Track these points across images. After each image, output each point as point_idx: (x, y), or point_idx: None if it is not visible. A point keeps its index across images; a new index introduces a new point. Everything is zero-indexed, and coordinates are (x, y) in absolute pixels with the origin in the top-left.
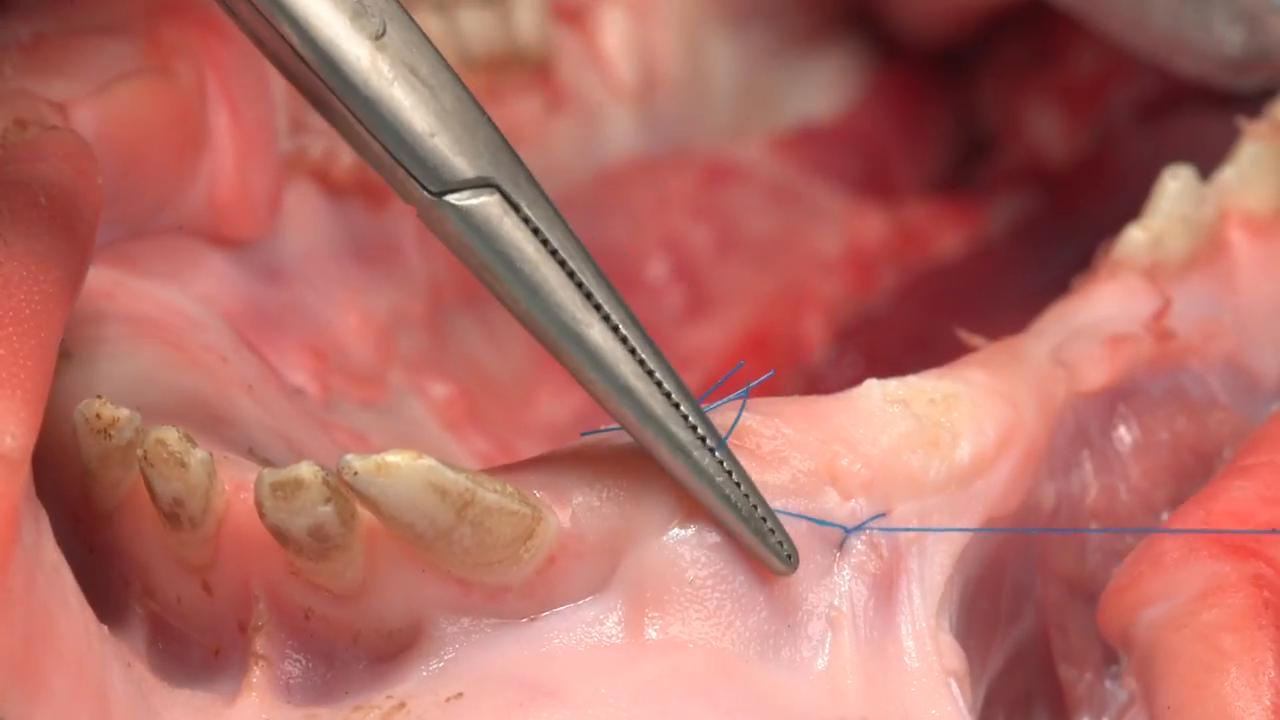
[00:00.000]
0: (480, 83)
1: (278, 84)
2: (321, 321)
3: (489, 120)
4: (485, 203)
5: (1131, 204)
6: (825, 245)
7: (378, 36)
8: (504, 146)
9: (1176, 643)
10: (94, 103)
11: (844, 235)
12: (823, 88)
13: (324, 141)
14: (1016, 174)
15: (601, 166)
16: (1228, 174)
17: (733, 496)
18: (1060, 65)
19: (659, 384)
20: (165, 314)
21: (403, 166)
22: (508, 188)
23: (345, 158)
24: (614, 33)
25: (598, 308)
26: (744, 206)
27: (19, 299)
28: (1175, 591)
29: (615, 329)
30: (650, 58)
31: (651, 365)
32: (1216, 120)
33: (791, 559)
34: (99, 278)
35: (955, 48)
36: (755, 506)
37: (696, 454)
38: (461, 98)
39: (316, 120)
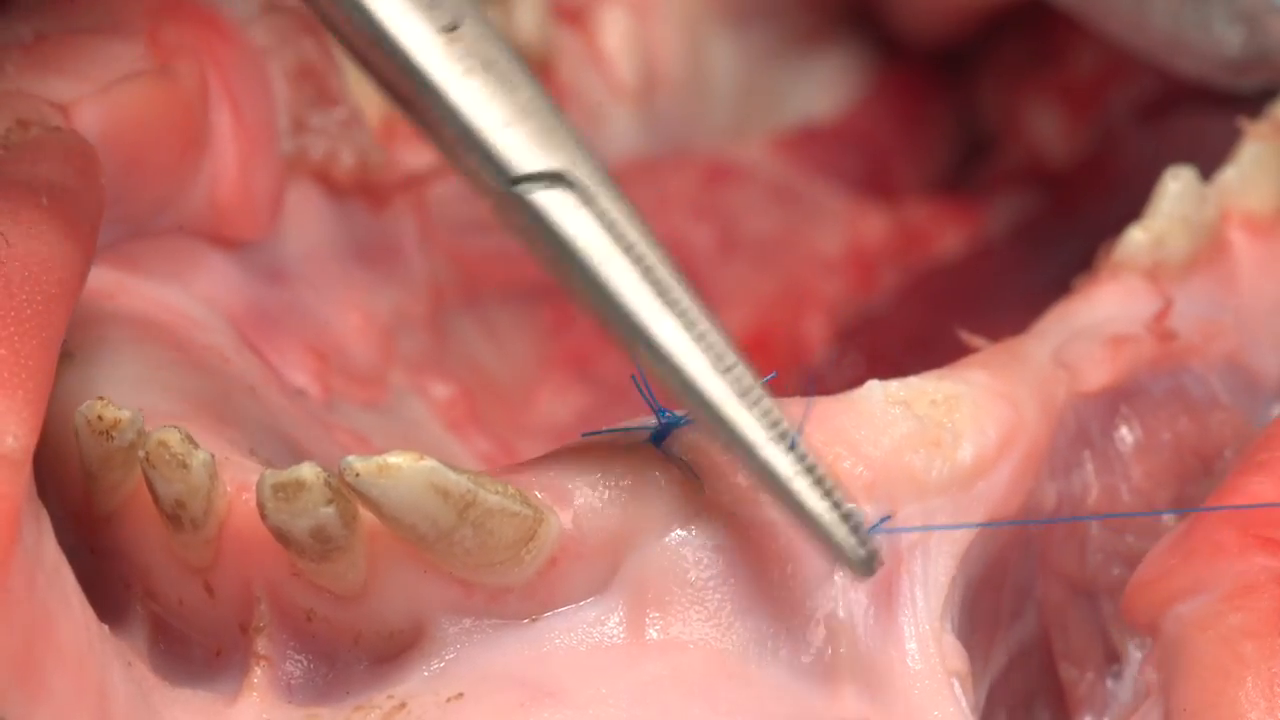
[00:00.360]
0: None
1: (279, 84)
2: (323, 322)
3: (563, 115)
4: (559, 195)
5: (1132, 204)
6: (826, 245)
7: (451, 29)
8: (579, 141)
9: (1200, 644)
10: (96, 103)
11: (845, 235)
12: (823, 87)
13: (325, 142)
14: (1016, 174)
15: None
16: (1229, 174)
17: (809, 498)
18: (1060, 65)
19: (735, 380)
20: (167, 315)
21: (477, 156)
22: (583, 181)
23: (346, 158)
24: (614, 32)
25: (672, 304)
26: (745, 206)
27: (20, 299)
28: (1205, 588)
29: (691, 326)
30: (651, 58)
31: (728, 362)
32: (1217, 120)
33: (870, 562)
34: (100, 278)
35: (955, 48)
36: (836, 505)
37: (770, 452)
38: (537, 92)
39: (318, 120)
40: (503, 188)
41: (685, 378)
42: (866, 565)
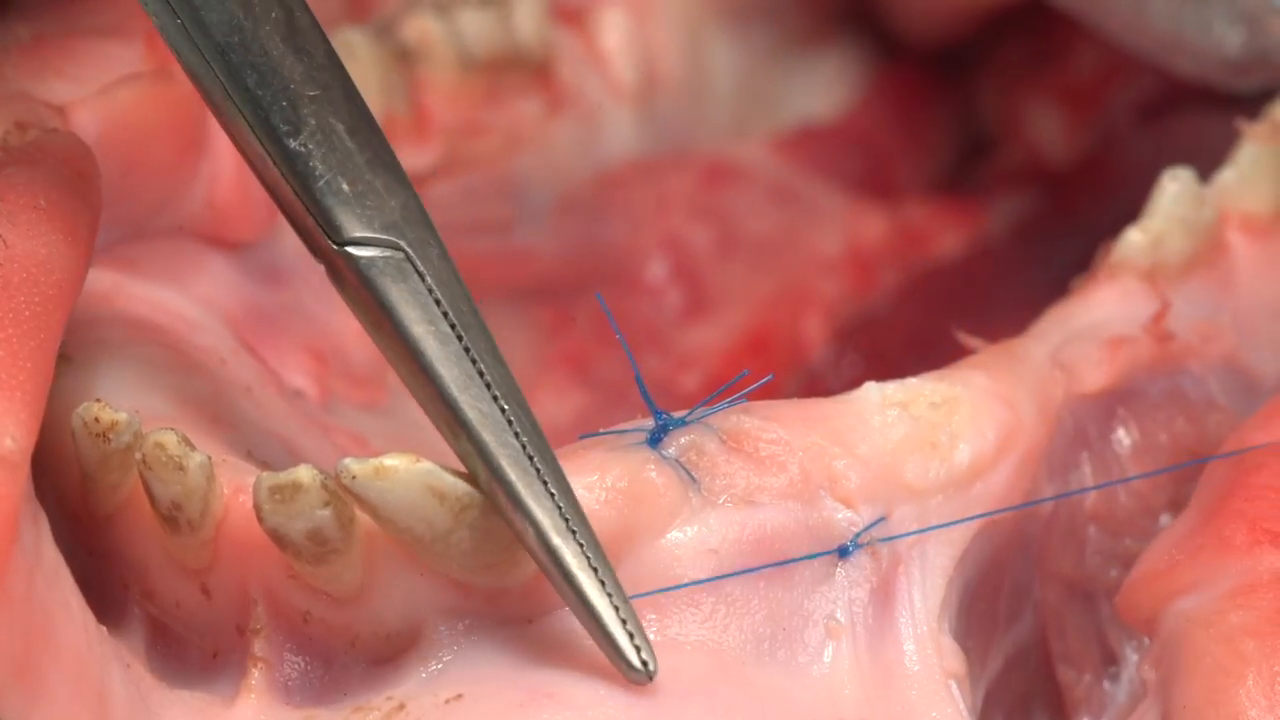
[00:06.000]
0: (480, 84)
1: None
2: (321, 323)
3: (406, 182)
4: (387, 257)
5: (1131, 204)
6: (825, 245)
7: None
8: (417, 209)
9: (1201, 641)
10: (94, 105)
11: (844, 235)
12: (823, 87)
13: None
14: (1016, 174)
15: (601, 167)
16: (1227, 176)
17: (592, 594)
18: (1060, 65)
19: (537, 471)
20: (164, 316)
21: (312, 215)
22: (413, 250)
23: None
24: (614, 33)
25: (488, 386)
26: (744, 207)
27: (19, 301)
28: (1209, 584)
29: (502, 409)
30: (650, 58)
31: (531, 451)
32: (1217, 121)
33: (648, 667)
34: (98, 280)
35: (955, 48)
36: (617, 608)
37: (560, 540)
38: (380, 154)
39: None
40: (334, 247)
41: (485, 458)
42: (642, 673)
